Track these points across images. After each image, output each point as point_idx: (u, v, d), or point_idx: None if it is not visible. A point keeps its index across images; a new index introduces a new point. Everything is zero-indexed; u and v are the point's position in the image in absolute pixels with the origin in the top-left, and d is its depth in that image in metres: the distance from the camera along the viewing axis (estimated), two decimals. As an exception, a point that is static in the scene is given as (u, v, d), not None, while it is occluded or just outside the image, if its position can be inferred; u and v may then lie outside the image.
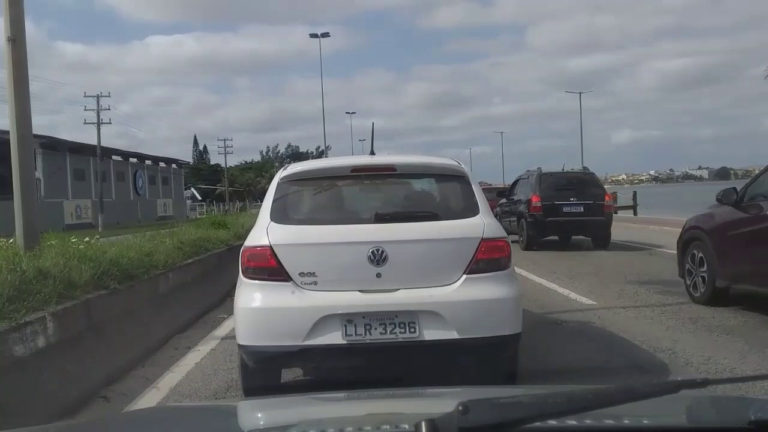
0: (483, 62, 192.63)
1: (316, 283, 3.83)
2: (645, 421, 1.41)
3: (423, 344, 3.75)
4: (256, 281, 3.91)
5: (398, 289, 3.84)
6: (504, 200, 16.64)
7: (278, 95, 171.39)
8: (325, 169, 4.65)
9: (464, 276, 3.87)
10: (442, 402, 1.82)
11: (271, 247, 3.86)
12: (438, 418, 1.10)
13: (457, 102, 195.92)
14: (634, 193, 35.47)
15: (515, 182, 16.77)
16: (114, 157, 51.63)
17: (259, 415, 1.87)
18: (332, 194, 4.37)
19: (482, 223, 4.01)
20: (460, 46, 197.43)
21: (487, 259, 3.92)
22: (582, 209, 13.90)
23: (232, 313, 6.88)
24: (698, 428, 1.37)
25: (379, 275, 3.81)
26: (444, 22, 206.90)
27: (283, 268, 3.84)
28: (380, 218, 4.07)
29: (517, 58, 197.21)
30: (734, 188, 6.84)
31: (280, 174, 4.42)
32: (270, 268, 3.85)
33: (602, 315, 6.67)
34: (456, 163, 4.49)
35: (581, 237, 14.62)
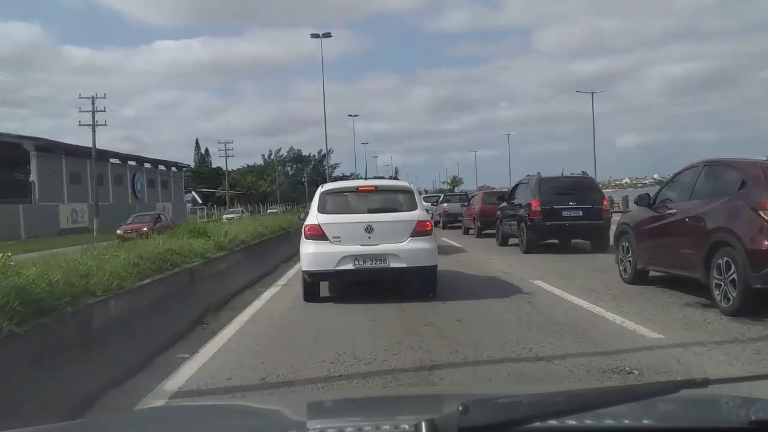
0: (489, 66, 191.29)
1: (340, 241, 7.43)
2: (645, 421, 1.40)
3: (390, 269, 7.44)
4: (311, 240, 7.50)
5: (378, 244, 7.42)
6: (504, 204, 16.34)
7: (283, 99, 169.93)
8: (344, 187, 8.53)
9: (409, 238, 7.52)
10: (442, 402, 1.91)
11: (319, 224, 7.52)
12: (438, 418, 1.09)
13: (462, 106, 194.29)
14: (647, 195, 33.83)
15: (515, 186, 16.48)
16: (112, 160, 50.16)
17: (260, 415, 1.85)
18: (347, 199, 8.02)
19: (418, 214, 7.71)
20: (465, 50, 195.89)
21: (420, 230, 7.56)
22: (581, 213, 13.74)
23: (197, 352, 5.25)
24: (698, 428, 1.36)
25: (369, 237, 7.42)
26: (450, 25, 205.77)
27: (324, 233, 7.45)
28: (370, 210, 7.75)
29: (523, 61, 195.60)
30: (648, 194, 8.85)
31: (320, 189, 8.16)
32: (318, 234, 7.47)
33: (681, 357, 4.94)
34: (407, 184, 8.65)
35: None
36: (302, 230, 7.78)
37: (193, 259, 7.67)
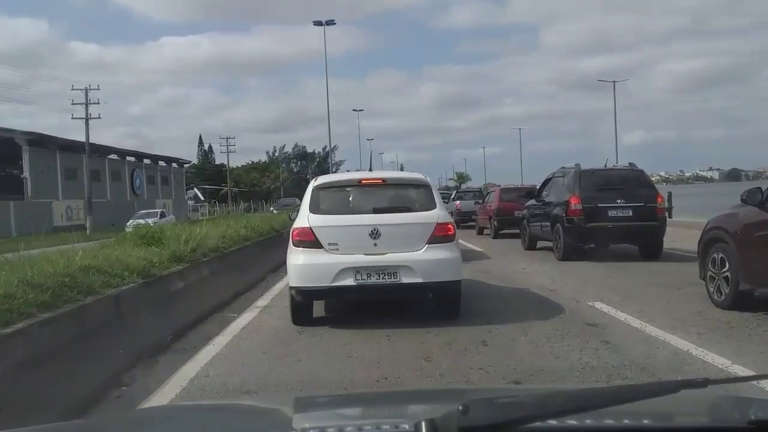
0: (495, 63, 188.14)
1: (338, 249, 5.91)
2: (645, 421, 1.36)
3: (401, 285, 5.90)
4: (301, 248, 5.98)
5: (387, 253, 5.91)
6: (532, 202, 14.00)
7: (288, 96, 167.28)
8: (343, 180, 6.95)
9: (426, 245, 5.99)
10: (442, 402, 1.81)
11: (310, 227, 5.97)
12: (438, 418, 1.06)
13: (468, 103, 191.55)
14: (669, 194, 31.23)
15: (546, 181, 13.89)
16: (110, 156, 47.90)
17: (260, 414, 1.80)
18: (347, 195, 6.51)
19: (437, 214, 6.20)
20: (472, 47, 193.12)
21: (440, 235, 6.07)
22: (630, 213, 11.34)
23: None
24: (698, 428, 1.36)
25: (375, 244, 5.91)
26: (457, 22, 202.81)
27: (318, 240, 5.93)
28: (376, 210, 6.25)
29: (529, 58, 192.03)
30: (759, 188, 6.39)
31: (313, 184, 6.52)
32: (310, 240, 5.94)
33: None
34: (422, 176, 6.81)
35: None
36: (290, 235, 6.18)
37: (127, 278, 5.30)
